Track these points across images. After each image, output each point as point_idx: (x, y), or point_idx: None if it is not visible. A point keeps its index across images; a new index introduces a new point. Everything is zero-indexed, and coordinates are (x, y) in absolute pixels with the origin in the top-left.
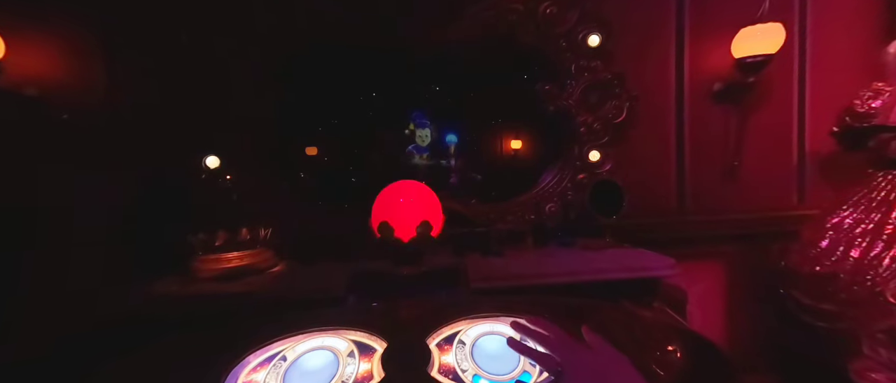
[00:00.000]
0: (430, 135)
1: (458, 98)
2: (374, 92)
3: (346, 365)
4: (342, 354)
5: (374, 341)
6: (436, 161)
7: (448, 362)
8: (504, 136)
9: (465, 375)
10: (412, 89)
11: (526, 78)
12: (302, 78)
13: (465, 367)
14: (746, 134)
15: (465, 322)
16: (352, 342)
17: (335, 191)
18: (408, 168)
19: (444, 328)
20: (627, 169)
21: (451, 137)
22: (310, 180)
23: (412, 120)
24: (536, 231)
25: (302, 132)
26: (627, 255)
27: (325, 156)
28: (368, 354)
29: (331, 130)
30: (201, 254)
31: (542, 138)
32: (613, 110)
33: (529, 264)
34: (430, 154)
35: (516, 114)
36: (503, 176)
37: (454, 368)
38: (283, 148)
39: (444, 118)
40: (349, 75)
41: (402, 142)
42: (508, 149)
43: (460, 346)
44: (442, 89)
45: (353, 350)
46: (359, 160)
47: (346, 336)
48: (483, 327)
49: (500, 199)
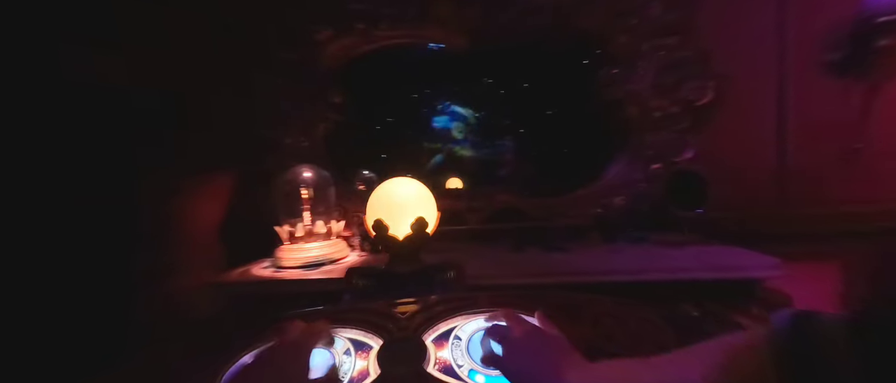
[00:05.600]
0: (480, 128)
1: (509, 89)
2: (423, 87)
3: (341, 362)
4: (338, 352)
5: (369, 338)
6: (486, 154)
7: (444, 358)
8: (561, 127)
9: (462, 371)
10: (460, 82)
11: (586, 63)
12: (356, 78)
13: (462, 363)
14: (874, 110)
15: (460, 317)
16: (347, 340)
17: None
18: (456, 162)
19: (440, 324)
20: (713, 156)
21: (503, 130)
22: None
23: (459, 114)
24: (603, 225)
25: (357, 130)
26: (716, 253)
27: (379, 153)
28: (364, 351)
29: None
30: (285, 245)
31: (607, 126)
32: (695, 91)
33: (596, 260)
34: (480, 147)
35: (575, 102)
36: (561, 168)
37: (450, 364)
38: (344, 146)
39: (494, 110)
40: (398, 72)
41: (450, 136)
42: (566, 139)
43: (456, 342)
44: (494, 81)
45: (348, 347)
46: (408, 155)
47: (342, 334)
48: (479, 322)
49: (559, 193)
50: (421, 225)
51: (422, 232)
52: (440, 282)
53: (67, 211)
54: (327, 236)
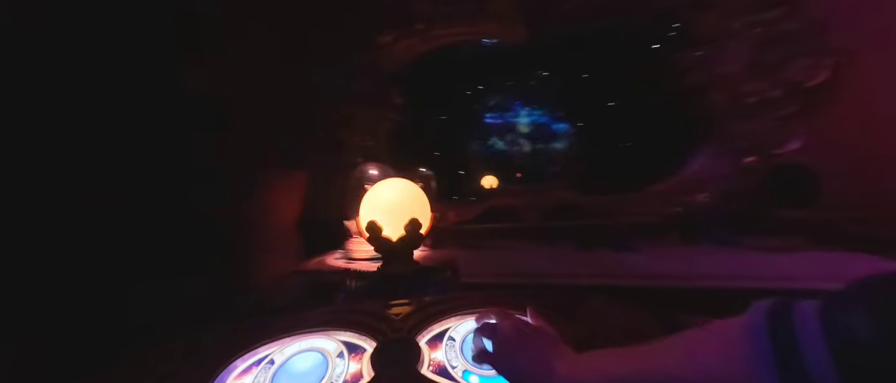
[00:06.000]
0: (536, 123)
1: (567, 81)
2: (476, 85)
3: (335, 366)
4: (331, 355)
5: (363, 341)
6: (542, 149)
7: (438, 359)
8: (627, 118)
9: (455, 371)
10: (514, 77)
11: (658, 47)
12: (414, 79)
13: (455, 364)
14: None
15: (454, 318)
16: (341, 342)
17: (449, 184)
18: (511, 158)
19: (434, 325)
20: (827, 147)
21: (561, 124)
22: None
23: (513, 109)
24: (683, 225)
25: (414, 128)
26: (835, 261)
27: (437, 151)
28: (358, 354)
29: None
30: (354, 238)
31: (686, 116)
32: (804, 71)
33: (677, 263)
34: (536, 142)
35: (644, 91)
36: (626, 163)
37: (444, 365)
38: (403, 145)
39: (551, 103)
40: (456, 70)
41: (504, 132)
42: (632, 132)
43: (450, 343)
44: (549, 74)
45: (342, 350)
46: (467, 154)
47: (335, 336)
48: (473, 323)
49: (625, 189)
50: (414, 226)
51: (415, 233)
52: (435, 283)
53: (179, 204)
54: None
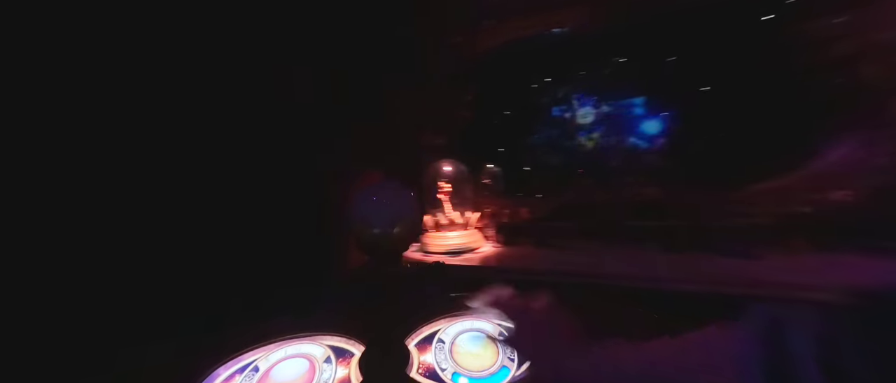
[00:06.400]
0: (613, 113)
1: (649, 66)
2: (544, 77)
3: (322, 371)
4: (318, 361)
5: (351, 345)
6: (622, 142)
7: (428, 362)
8: (725, 105)
9: (445, 374)
10: (587, 66)
11: (772, 18)
12: (484, 75)
13: (445, 366)
14: None
15: (444, 320)
16: (328, 347)
17: (517, 180)
18: (588, 153)
19: (423, 328)
20: None
21: (643, 113)
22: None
23: (586, 100)
24: (814, 228)
25: (483, 125)
26: None
27: (505, 148)
28: (346, 359)
29: (501, 122)
30: (430, 232)
31: (811, 99)
32: None
33: (812, 271)
34: (615, 135)
35: (748, 72)
36: (727, 155)
37: (434, 368)
38: (474, 141)
39: (630, 92)
40: (525, 63)
41: (577, 125)
42: (732, 120)
43: (440, 345)
44: (628, 60)
45: (329, 355)
46: (535, 148)
47: (322, 341)
48: (462, 325)
49: (732, 186)
50: (405, 227)
51: (406, 234)
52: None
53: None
54: (465, 226)
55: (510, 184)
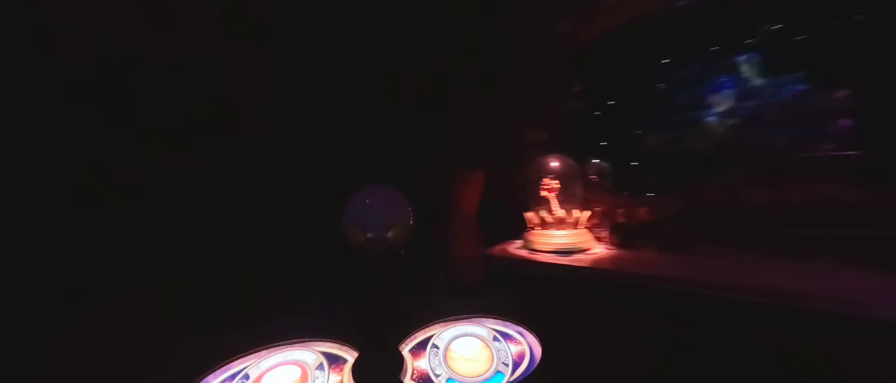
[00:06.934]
0: (768, 93)
1: (816, 31)
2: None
3: (314, 378)
4: (310, 368)
5: (344, 351)
6: (776, 130)
7: (421, 368)
8: None
9: (439, 380)
10: (724, 39)
11: None
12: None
13: (439, 372)
14: None
15: (438, 326)
16: (321, 354)
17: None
18: (727, 145)
19: (417, 333)
20: None
21: (810, 91)
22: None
23: (723, 80)
24: None
25: (593, 118)
26: None
27: (615, 142)
28: (339, 365)
29: (606, 113)
30: (535, 229)
31: None
32: None
33: None
34: (768, 120)
35: None
36: None
37: (427, 373)
38: (584, 135)
39: (789, 66)
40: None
41: (712, 108)
42: None
43: (434, 351)
44: (784, 26)
45: (321, 362)
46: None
47: (315, 348)
48: (456, 330)
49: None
50: (398, 232)
51: (399, 239)
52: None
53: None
54: (574, 225)
55: (619, 181)
